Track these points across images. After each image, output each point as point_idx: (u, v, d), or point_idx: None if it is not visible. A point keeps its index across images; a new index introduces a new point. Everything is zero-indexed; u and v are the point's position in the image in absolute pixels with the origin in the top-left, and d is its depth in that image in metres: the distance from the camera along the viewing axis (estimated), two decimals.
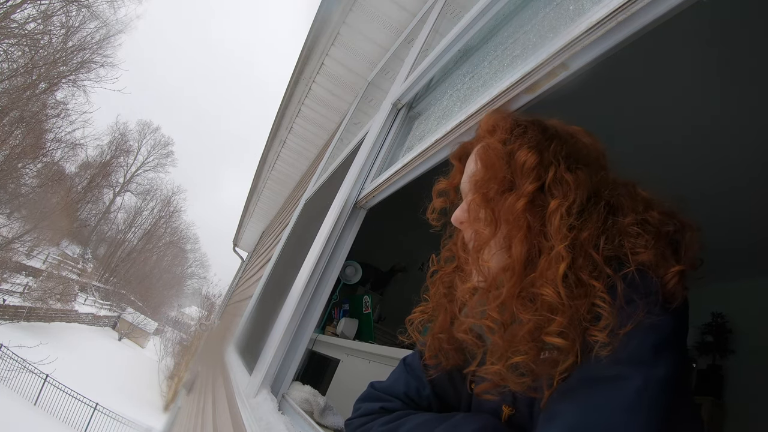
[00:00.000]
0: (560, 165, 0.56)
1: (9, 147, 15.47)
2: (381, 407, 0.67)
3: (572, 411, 0.44)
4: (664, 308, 0.46)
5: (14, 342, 12.72)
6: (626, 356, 0.44)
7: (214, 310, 16.27)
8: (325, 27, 2.36)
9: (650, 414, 0.42)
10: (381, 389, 0.71)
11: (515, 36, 0.88)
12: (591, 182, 0.56)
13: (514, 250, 0.54)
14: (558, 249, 0.50)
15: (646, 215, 0.53)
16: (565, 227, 0.51)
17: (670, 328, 0.46)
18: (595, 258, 0.49)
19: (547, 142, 0.59)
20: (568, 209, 0.53)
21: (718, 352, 2.66)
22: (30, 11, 15.59)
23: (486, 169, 0.60)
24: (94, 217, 36.67)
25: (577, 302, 0.48)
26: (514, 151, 0.58)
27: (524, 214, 0.54)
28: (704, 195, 2.09)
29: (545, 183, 0.56)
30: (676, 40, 1.46)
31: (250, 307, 2.59)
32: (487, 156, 0.61)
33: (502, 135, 0.62)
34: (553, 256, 0.50)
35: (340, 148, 2.40)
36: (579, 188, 0.54)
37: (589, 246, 0.50)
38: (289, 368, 1.18)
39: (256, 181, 5.50)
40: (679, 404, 0.47)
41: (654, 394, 0.42)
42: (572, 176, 0.55)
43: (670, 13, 0.47)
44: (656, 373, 0.43)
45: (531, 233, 0.54)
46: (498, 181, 0.58)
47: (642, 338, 0.44)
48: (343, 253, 1.26)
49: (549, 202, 0.54)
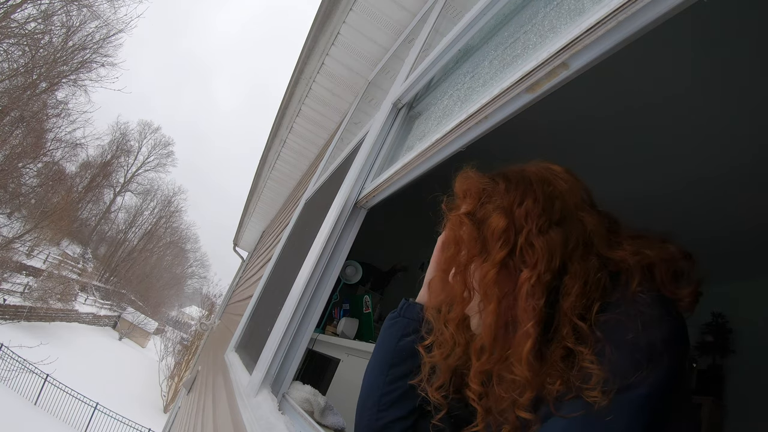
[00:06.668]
0: (532, 227, 0.54)
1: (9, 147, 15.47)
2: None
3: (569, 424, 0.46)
4: (657, 373, 0.45)
5: (15, 342, 12.74)
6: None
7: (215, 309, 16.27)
8: (326, 26, 2.36)
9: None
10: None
11: (515, 36, 0.88)
12: (569, 241, 0.53)
13: (487, 319, 0.54)
14: (526, 327, 0.50)
15: (652, 269, 0.52)
16: (532, 304, 0.50)
17: (662, 372, 0.45)
18: (580, 328, 0.48)
19: (519, 201, 0.56)
20: (536, 282, 0.51)
21: (718, 352, 2.65)
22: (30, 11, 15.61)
23: (457, 240, 0.60)
24: (95, 217, 36.69)
25: (551, 363, 0.49)
26: (485, 219, 0.57)
27: (494, 285, 0.53)
28: (704, 194, 2.09)
29: (516, 248, 0.54)
30: (676, 39, 1.46)
31: (251, 307, 2.59)
32: (458, 227, 0.60)
33: (472, 202, 0.60)
34: (521, 334, 0.51)
35: (341, 147, 2.40)
36: (552, 253, 0.52)
37: (573, 315, 0.49)
38: (290, 368, 1.18)
39: (256, 180, 5.50)
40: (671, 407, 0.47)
41: (635, 413, 0.44)
42: (544, 240, 0.53)
43: (670, 13, 0.47)
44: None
45: (502, 304, 0.53)
46: (469, 252, 0.58)
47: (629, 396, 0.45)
48: (343, 253, 1.26)
49: (521, 269, 0.53)
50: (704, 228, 2.26)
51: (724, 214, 2.18)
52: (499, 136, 0.81)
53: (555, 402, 0.48)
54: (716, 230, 2.28)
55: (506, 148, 1.48)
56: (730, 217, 2.19)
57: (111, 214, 38.03)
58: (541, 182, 0.58)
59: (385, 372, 0.68)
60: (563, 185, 0.58)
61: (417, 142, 1.09)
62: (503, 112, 0.73)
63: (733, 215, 2.17)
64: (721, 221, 2.23)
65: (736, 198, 2.06)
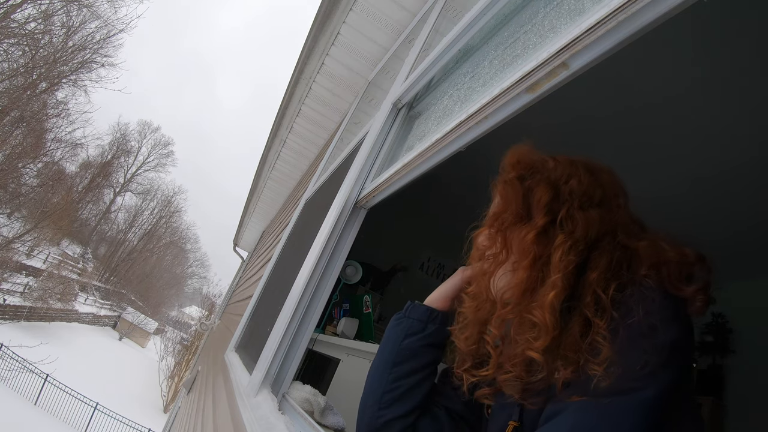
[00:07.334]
0: (574, 203, 0.60)
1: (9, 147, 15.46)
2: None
3: (573, 411, 0.48)
4: (664, 375, 0.47)
5: (15, 342, 12.74)
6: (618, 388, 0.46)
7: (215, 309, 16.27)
8: (326, 26, 2.36)
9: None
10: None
11: (515, 36, 0.88)
12: (603, 223, 0.59)
13: (518, 275, 0.58)
14: (554, 278, 0.54)
15: (661, 268, 0.54)
16: (567, 261, 0.55)
17: (670, 376, 0.47)
18: (602, 299, 0.52)
19: (565, 180, 0.62)
20: (573, 245, 0.56)
21: (718, 352, 2.66)
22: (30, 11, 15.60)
23: (504, 202, 0.65)
24: (95, 217, 36.70)
25: (573, 329, 0.52)
26: (532, 187, 0.63)
27: (533, 244, 0.58)
28: (705, 194, 2.10)
29: (558, 218, 0.59)
30: (676, 39, 1.46)
31: (251, 307, 2.60)
32: (506, 191, 0.65)
33: (521, 170, 0.66)
34: (548, 284, 0.55)
35: (341, 147, 2.40)
36: (589, 227, 0.57)
37: (598, 287, 0.53)
38: (290, 368, 1.18)
39: (256, 180, 5.50)
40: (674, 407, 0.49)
41: (641, 415, 0.46)
42: (583, 215, 0.58)
43: (670, 13, 0.47)
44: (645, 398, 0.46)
45: (536, 262, 0.57)
46: (513, 214, 0.63)
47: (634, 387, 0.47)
48: (343, 253, 1.26)
49: (557, 236, 0.58)
50: (704, 228, 2.26)
51: (724, 214, 2.18)
52: (498, 137, 0.81)
53: (562, 389, 0.50)
54: (716, 230, 2.28)
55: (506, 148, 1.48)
56: (731, 217, 2.19)
57: (111, 214, 38.04)
58: (586, 169, 0.64)
59: (388, 370, 0.70)
60: (606, 178, 0.64)
61: (417, 142, 1.09)
62: (503, 112, 0.73)
63: (734, 215, 2.17)
64: (721, 221, 2.23)
65: (737, 198, 2.06)
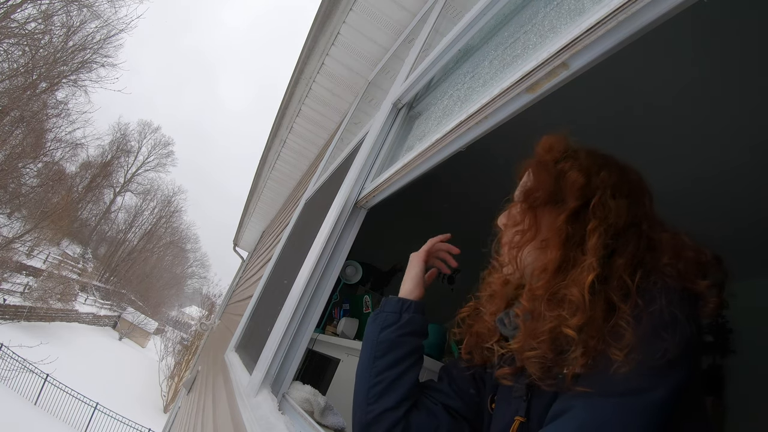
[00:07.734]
0: (606, 191, 0.61)
1: (9, 147, 15.46)
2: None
3: (583, 408, 0.49)
4: (674, 377, 0.48)
5: (14, 342, 12.74)
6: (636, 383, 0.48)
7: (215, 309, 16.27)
8: (326, 26, 2.36)
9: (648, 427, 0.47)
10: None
11: (515, 36, 0.88)
12: (631, 213, 0.61)
13: (550, 253, 0.60)
14: (591, 261, 0.56)
15: (680, 259, 0.56)
16: (602, 245, 0.57)
17: (681, 376, 0.48)
18: (628, 284, 0.53)
19: (597, 169, 0.64)
20: (606, 230, 0.58)
21: (718, 352, 2.65)
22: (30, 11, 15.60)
23: (537, 181, 0.66)
24: (95, 217, 36.70)
25: (598, 313, 0.52)
26: (565, 171, 0.65)
27: (565, 225, 0.60)
28: (704, 194, 2.09)
29: (589, 204, 0.61)
30: (676, 39, 1.46)
31: (251, 307, 2.60)
32: (539, 171, 0.67)
33: (556, 155, 0.68)
34: (585, 266, 0.56)
35: (341, 147, 2.40)
36: (619, 215, 0.59)
37: (625, 273, 0.54)
38: (290, 368, 1.18)
39: (256, 180, 5.50)
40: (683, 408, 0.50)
41: (650, 416, 0.47)
42: (615, 203, 0.60)
43: (670, 13, 0.47)
44: (654, 396, 0.47)
45: (568, 243, 0.59)
46: (545, 193, 0.64)
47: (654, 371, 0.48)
48: (343, 253, 1.25)
49: (590, 220, 0.59)
50: (704, 228, 2.25)
51: (724, 214, 2.18)
52: (498, 137, 0.81)
53: (572, 382, 0.51)
54: (716, 230, 2.27)
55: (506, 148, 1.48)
56: (730, 217, 2.19)
57: (111, 214, 38.03)
58: (617, 165, 0.67)
59: (370, 365, 0.71)
60: (634, 177, 0.67)
61: (417, 142, 1.09)
62: (503, 112, 0.73)
63: (734, 215, 2.17)
64: (721, 221, 2.23)
65: (736, 198, 2.06)
